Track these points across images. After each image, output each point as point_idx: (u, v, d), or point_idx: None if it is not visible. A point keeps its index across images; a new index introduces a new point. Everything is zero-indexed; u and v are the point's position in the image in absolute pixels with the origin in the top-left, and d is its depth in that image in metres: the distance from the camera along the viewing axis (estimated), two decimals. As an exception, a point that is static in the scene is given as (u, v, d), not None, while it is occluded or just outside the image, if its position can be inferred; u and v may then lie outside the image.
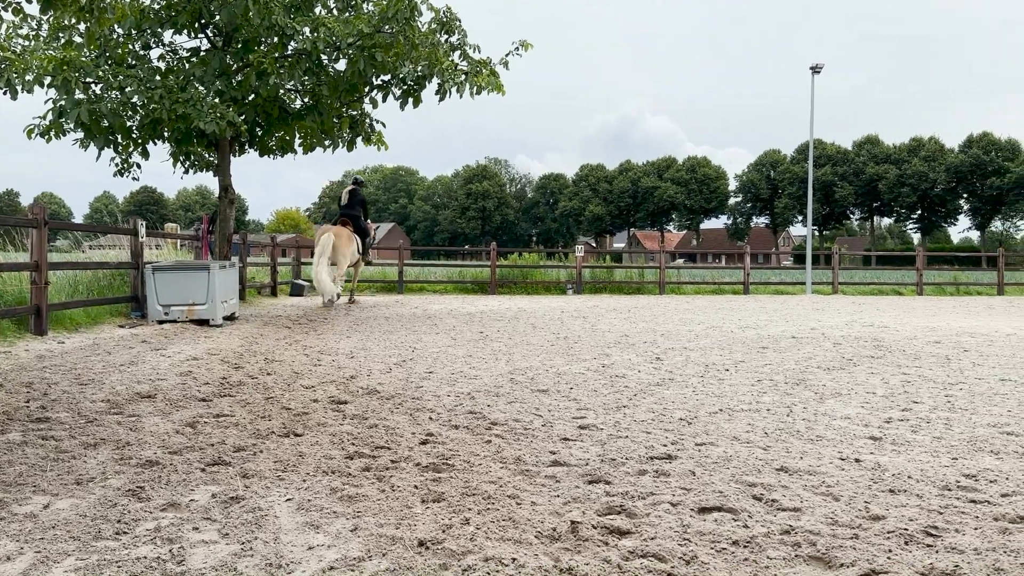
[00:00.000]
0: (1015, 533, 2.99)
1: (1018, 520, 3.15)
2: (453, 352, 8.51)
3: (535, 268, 24.39)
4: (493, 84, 12.60)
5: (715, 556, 2.75)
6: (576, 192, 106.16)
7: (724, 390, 6.19)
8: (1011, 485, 3.62)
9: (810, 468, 3.90)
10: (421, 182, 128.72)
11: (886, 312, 15.68)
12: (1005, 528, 3.05)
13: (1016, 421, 5.04)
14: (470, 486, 3.53)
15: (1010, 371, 7.26)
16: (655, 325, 12.03)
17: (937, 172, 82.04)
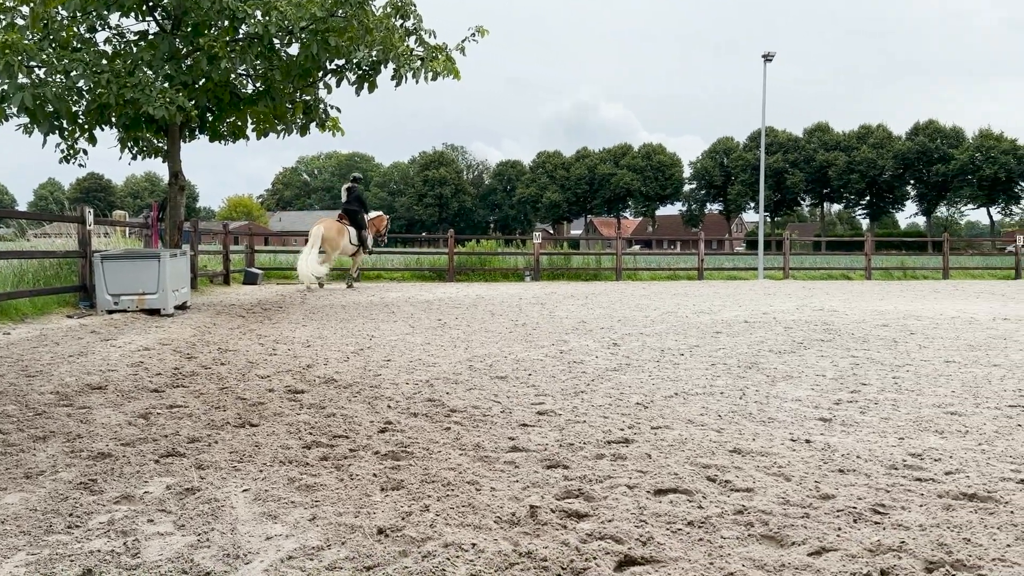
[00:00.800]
0: (958, 509, 3.10)
1: (961, 497, 3.26)
2: (411, 340, 8.49)
3: (493, 255, 24.41)
4: (449, 69, 12.52)
5: (671, 537, 2.81)
6: (533, 179, 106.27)
7: (679, 374, 6.28)
8: (955, 463, 3.75)
9: (762, 449, 3.99)
10: (377, 168, 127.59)
11: (835, 296, 16.03)
12: (949, 505, 3.16)
13: (960, 401, 5.21)
14: (429, 473, 3.54)
15: (954, 353, 7.49)
16: (612, 311, 12.13)
17: (885, 159, 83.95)
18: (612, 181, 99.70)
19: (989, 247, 51.88)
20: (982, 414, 4.82)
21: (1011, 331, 9.35)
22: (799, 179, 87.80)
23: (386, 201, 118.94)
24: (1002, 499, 3.22)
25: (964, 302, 14.46)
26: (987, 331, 9.35)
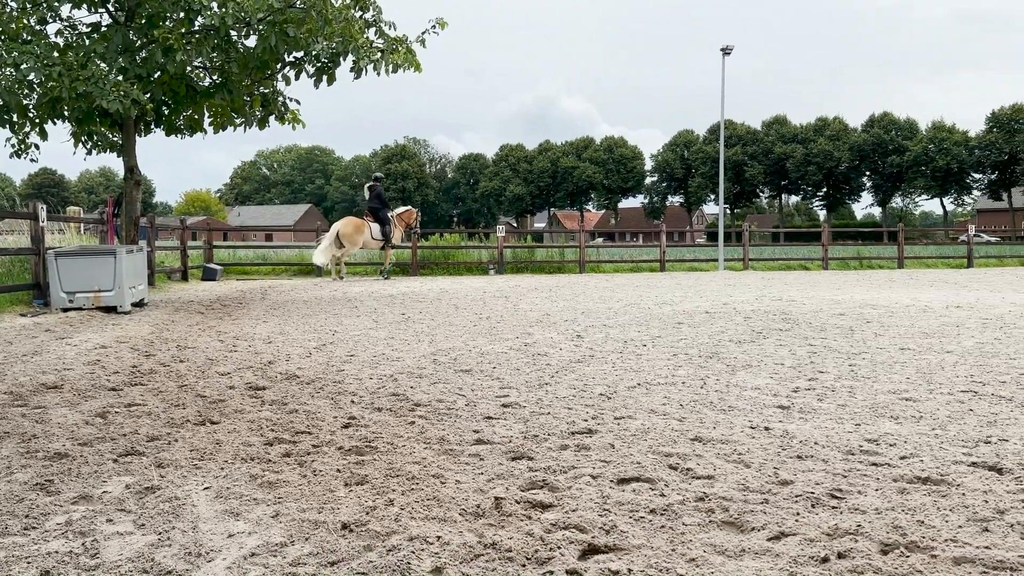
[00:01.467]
0: (912, 493, 3.19)
1: (915, 481, 3.35)
2: (375, 334, 8.45)
3: (457, 249, 24.36)
4: (410, 62, 12.45)
5: (633, 525, 2.84)
6: (496, 172, 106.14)
7: (642, 365, 6.34)
8: (909, 448, 3.84)
9: (723, 437, 4.05)
10: (338, 162, 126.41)
11: (793, 286, 16.30)
12: (903, 488, 3.24)
13: (914, 388, 5.34)
14: (394, 467, 3.54)
15: (909, 340, 7.67)
16: (576, 303, 12.20)
17: (841, 151, 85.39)
18: (575, 174, 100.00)
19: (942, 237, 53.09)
20: (935, 399, 4.95)
21: (963, 318, 9.60)
22: (758, 171, 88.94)
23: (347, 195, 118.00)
24: (954, 482, 3.31)
25: (918, 291, 14.79)
26: (940, 319, 9.58)
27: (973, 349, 7.05)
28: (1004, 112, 78.35)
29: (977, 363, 6.28)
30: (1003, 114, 78.36)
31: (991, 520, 2.86)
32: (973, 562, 2.51)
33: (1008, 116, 77.78)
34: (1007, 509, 2.97)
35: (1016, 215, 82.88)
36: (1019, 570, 2.45)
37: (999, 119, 78.61)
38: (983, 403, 4.83)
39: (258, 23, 11.79)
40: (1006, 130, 77.39)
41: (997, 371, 5.91)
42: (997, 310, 10.59)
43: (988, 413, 4.56)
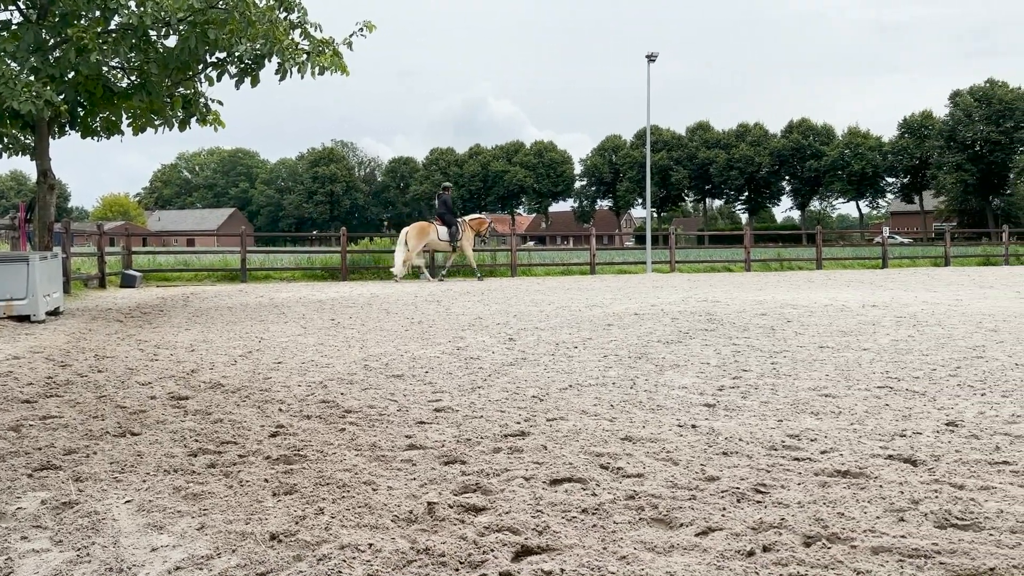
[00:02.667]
0: (833, 486, 3.30)
1: (835, 474, 3.47)
2: (303, 341, 8.30)
3: (387, 253, 24.11)
4: (336, 64, 12.28)
5: (566, 525, 2.87)
6: (427, 176, 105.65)
7: (573, 367, 6.41)
8: (829, 443, 3.98)
9: (652, 436, 4.12)
10: (263, 165, 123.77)
11: (718, 288, 16.70)
12: (824, 482, 3.36)
13: (833, 384, 5.54)
14: (324, 476, 3.48)
15: (827, 339, 7.94)
16: (508, 307, 12.23)
17: (762, 156, 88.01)
18: (505, 178, 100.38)
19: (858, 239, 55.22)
20: (853, 395, 5.14)
21: (879, 317, 10.00)
22: (683, 176, 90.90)
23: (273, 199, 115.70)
24: (872, 474, 3.44)
25: (836, 291, 15.34)
26: (857, 317, 9.95)
27: (888, 346, 7.34)
28: (915, 118, 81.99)
29: (892, 360, 6.54)
30: (914, 120, 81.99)
31: (906, 510, 2.99)
32: (890, 551, 2.61)
33: (919, 122, 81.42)
34: (921, 499, 3.10)
35: (927, 217, 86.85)
36: (932, 557, 2.56)
37: (910, 125, 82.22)
38: (898, 398, 5.04)
39: (178, 23, 11.46)
40: (917, 136, 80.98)
41: (911, 367, 6.17)
42: (911, 309, 11.07)
43: (903, 408, 4.76)
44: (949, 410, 4.66)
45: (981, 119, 73.56)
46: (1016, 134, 71.95)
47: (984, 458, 3.65)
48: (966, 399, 4.97)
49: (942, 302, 12.07)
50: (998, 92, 73.52)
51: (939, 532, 2.78)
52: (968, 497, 3.12)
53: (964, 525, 2.84)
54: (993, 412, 4.59)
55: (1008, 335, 7.97)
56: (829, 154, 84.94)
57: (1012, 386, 5.35)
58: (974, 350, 6.99)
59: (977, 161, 74.27)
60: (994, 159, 73.46)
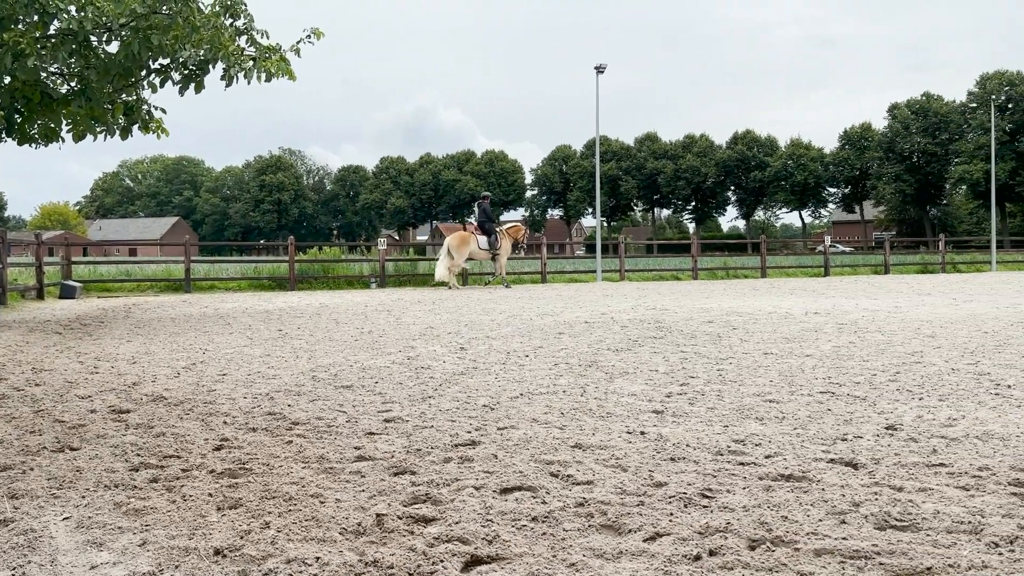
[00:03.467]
0: (777, 490, 3.37)
1: (779, 478, 3.54)
2: (249, 352, 8.16)
3: (337, 262, 23.88)
4: (284, 71, 12.13)
5: (516, 533, 2.87)
6: (377, 184, 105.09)
7: (524, 375, 6.42)
8: (773, 447, 4.06)
9: (601, 443, 4.15)
10: (208, 173, 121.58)
11: (666, 296, 16.92)
12: (769, 486, 3.42)
13: (777, 390, 5.65)
14: (270, 489, 3.42)
15: (771, 346, 8.11)
16: (459, 316, 12.21)
17: (708, 167, 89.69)
18: (457, 187, 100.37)
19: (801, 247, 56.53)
20: (797, 401, 5.25)
21: (821, 324, 10.24)
22: (632, 186, 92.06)
23: (218, 207, 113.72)
24: (815, 478, 3.52)
25: (780, 298, 15.67)
26: (800, 324, 10.18)
27: (830, 353, 7.52)
28: (855, 131, 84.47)
29: (834, 366, 6.71)
30: (854, 132, 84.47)
31: (848, 513, 3.06)
32: (832, 553, 2.67)
33: (858, 134, 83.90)
34: (862, 502, 3.18)
35: (867, 227, 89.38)
36: (873, 558, 2.63)
37: (850, 137, 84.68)
38: (840, 403, 5.16)
39: (120, 28, 11.21)
40: (857, 147, 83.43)
41: (852, 373, 6.33)
42: (851, 316, 11.36)
43: (844, 412, 4.88)
44: (889, 414, 4.80)
45: (918, 131, 76.12)
46: (951, 146, 74.60)
47: (922, 461, 3.76)
48: (905, 403, 5.11)
49: (882, 309, 12.42)
50: (934, 105, 76.20)
51: (879, 533, 2.85)
52: (907, 499, 3.21)
53: (903, 526, 2.92)
54: (931, 416, 4.73)
55: (945, 341, 8.24)
56: (773, 165, 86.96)
57: (948, 390, 5.52)
58: (912, 356, 7.20)
59: (915, 172, 76.79)
60: (931, 170, 76.04)
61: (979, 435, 4.22)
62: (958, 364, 6.66)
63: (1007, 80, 71.37)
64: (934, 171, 76.01)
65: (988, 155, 58.91)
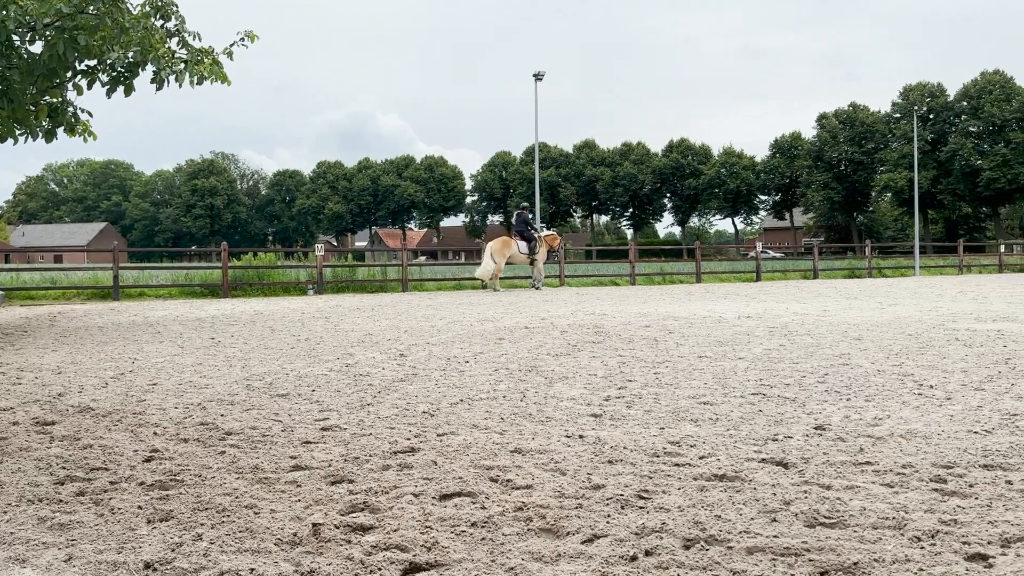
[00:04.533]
0: (711, 490, 3.44)
1: (713, 478, 3.62)
2: (180, 361, 7.96)
3: (272, 269, 23.45)
4: (217, 74, 11.89)
5: (455, 539, 2.86)
6: (314, 189, 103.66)
7: (465, 381, 6.41)
8: (707, 448, 4.15)
9: (541, 447, 4.18)
10: (137, 177, 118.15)
11: (605, 301, 17.11)
12: (703, 486, 3.49)
13: (711, 392, 5.77)
14: (202, 500, 3.34)
15: (706, 349, 8.27)
16: (399, 322, 12.12)
17: (645, 174, 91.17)
18: (396, 192, 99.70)
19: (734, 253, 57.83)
20: (730, 402, 5.38)
21: (753, 328, 10.49)
22: (571, 192, 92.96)
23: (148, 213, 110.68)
24: (747, 478, 3.61)
25: (714, 303, 16.00)
26: (733, 328, 10.42)
27: (762, 355, 7.72)
28: (785, 139, 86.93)
29: (765, 368, 6.88)
30: (784, 141, 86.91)
31: (779, 511, 3.14)
32: (763, 551, 2.75)
33: (789, 143, 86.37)
34: (792, 500, 3.27)
35: (797, 233, 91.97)
36: (802, 555, 2.70)
37: (781, 146, 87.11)
38: (771, 404, 5.30)
39: (44, 28, 10.82)
40: (787, 156, 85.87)
41: (783, 375, 6.51)
42: (782, 319, 11.68)
43: (775, 413, 5.01)
44: (817, 415, 4.95)
45: (845, 140, 78.73)
46: (877, 154, 77.37)
47: (849, 459, 3.89)
48: (833, 404, 5.28)
49: (811, 313, 12.79)
50: (860, 115, 78.93)
51: (808, 531, 2.94)
52: (835, 497, 3.31)
53: (831, 523, 3.01)
54: (857, 416, 4.90)
55: (871, 343, 8.53)
56: (707, 173, 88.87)
57: (875, 391, 5.72)
58: (840, 358, 7.44)
59: (842, 180, 79.37)
60: (857, 178, 78.70)
61: (903, 434, 4.39)
62: (883, 366, 6.91)
63: (928, 92, 74.43)
64: (860, 179, 78.70)
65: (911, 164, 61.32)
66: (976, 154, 70.79)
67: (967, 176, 70.40)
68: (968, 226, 77.21)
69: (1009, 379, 6.08)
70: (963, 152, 70.30)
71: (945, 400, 5.32)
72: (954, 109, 73.07)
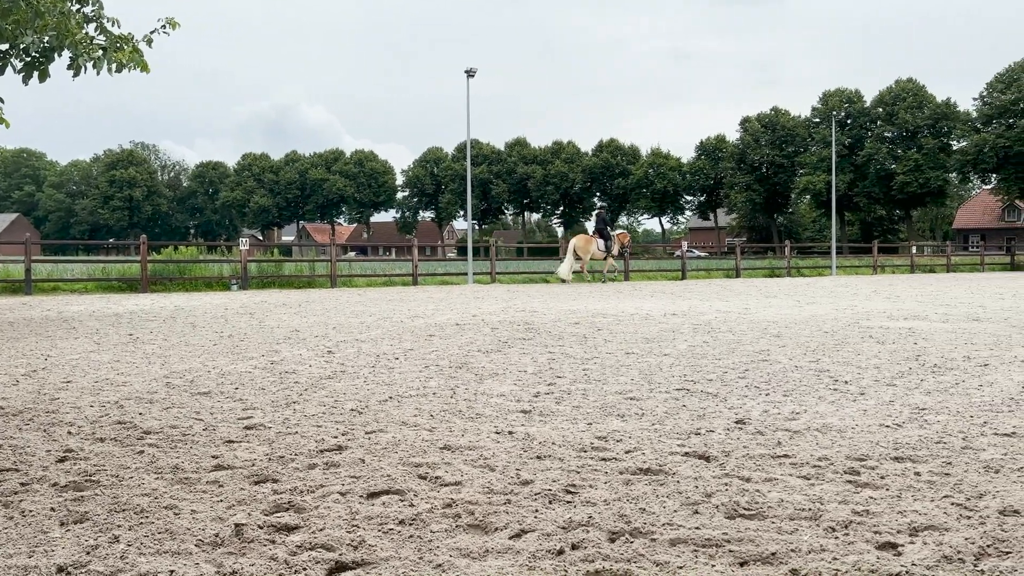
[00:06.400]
0: (636, 483, 3.50)
1: (638, 472, 3.69)
2: (97, 358, 7.67)
3: (194, 263, 22.80)
4: (136, 61, 11.48)
5: (382, 538, 2.85)
6: (239, 182, 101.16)
7: (394, 378, 6.37)
8: (633, 443, 4.22)
9: (470, 444, 4.19)
10: (52, 167, 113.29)
11: (536, 298, 17.22)
12: (628, 480, 3.56)
13: (637, 388, 5.88)
14: (120, 501, 3.24)
15: (633, 346, 8.42)
16: (327, 318, 11.95)
17: (575, 173, 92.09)
18: (325, 187, 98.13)
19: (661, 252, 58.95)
20: (655, 398, 5.49)
21: (678, 325, 10.72)
22: (503, 189, 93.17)
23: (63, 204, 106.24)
24: (671, 471, 3.69)
25: (641, 301, 16.28)
26: (659, 325, 10.62)
27: (686, 352, 7.89)
28: (710, 142, 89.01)
29: (689, 364, 7.04)
30: (709, 144, 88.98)
31: (700, 503, 3.23)
32: (686, 542, 2.81)
33: (713, 145, 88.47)
34: (713, 492, 3.36)
35: (721, 233, 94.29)
36: (723, 545, 2.78)
37: (706, 148, 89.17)
38: (694, 399, 5.43)
39: (-51, 6, 10.26)
40: (712, 158, 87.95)
41: (706, 371, 6.67)
42: (706, 317, 11.96)
43: (698, 408, 5.14)
44: (738, 409, 5.09)
45: (767, 143, 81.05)
46: (796, 158, 79.87)
47: (768, 452, 4.02)
48: (753, 399, 5.44)
49: (733, 311, 13.15)
50: (781, 119, 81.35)
51: (729, 522, 3.02)
52: (754, 489, 3.41)
53: (751, 515, 3.11)
54: (776, 410, 5.06)
55: (789, 340, 8.82)
56: (635, 173, 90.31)
57: (792, 386, 5.92)
58: (760, 354, 7.67)
59: (764, 182, 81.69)
60: (778, 180, 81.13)
61: (819, 428, 4.56)
62: (801, 362, 7.15)
63: (846, 97, 77.20)
64: (781, 181, 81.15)
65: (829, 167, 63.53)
66: (891, 159, 73.79)
67: (882, 180, 73.33)
68: (882, 228, 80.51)
69: (919, 375, 6.37)
70: (878, 157, 73.20)
71: (859, 395, 5.55)
72: (870, 115, 76.00)
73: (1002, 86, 65.19)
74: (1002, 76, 65.87)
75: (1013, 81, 64.32)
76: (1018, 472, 3.65)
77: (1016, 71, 64.86)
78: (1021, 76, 63.97)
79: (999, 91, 65.32)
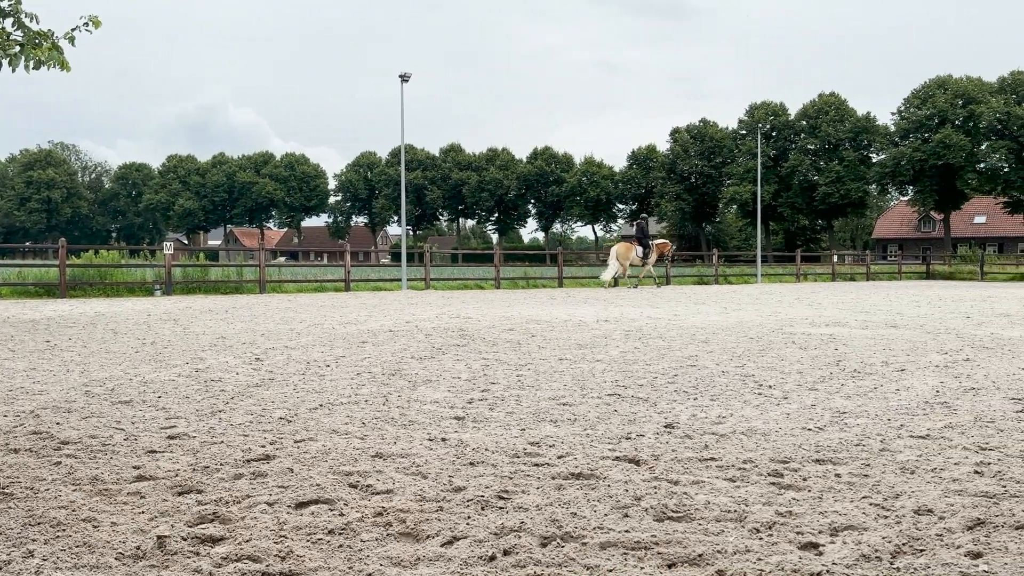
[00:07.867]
0: (568, 488, 3.53)
1: (570, 477, 3.72)
2: (11, 366, 7.34)
3: (116, 267, 22.01)
4: (56, 59, 11.07)
5: (311, 548, 2.80)
6: (163, 184, 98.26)
7: (325, 385, 6.27)
8: (565, 448, 4.26)
9: (403, 451, 4.15)
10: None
11: (470, 304, 17.20)
12: (560, 485, 3.58)
13: (570, 393, 5.93)
14: (35, 515, 3.10)
15: (566, 352, 8.49)
16: (255, 325, 11.69)
17: (510, 180, 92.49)
18: (254, 190, 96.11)
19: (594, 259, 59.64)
20: (587, 403, 5.54)
21: (610, 331, 10.86)
22: (437, 195, 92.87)
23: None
24: (602, 475, 3.73)
25: (574, 307, 16.43)
26: (592, 332, 10.74)
27: (618, 357, 8.00)
28: (641, 151, 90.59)
29: (621, 370, 7.14)
30: (640, 153, 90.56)
31: (630, 507, 3.27)
32: (616, 545, 2.85)
33: (644, 155, 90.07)
34: (643, 496, 3.41)
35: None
36: (652, 548, 2.83)
37: (637, 157, 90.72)
38: (625, 404, 5.51)
39: None
40: (643, 167, 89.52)
41: (636, 376, 6.78)
42: (637, 323, 12.15)
43: (629, 413, 5.21)
44: (667, 414, 5.18)
45: (696, 154, 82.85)
46: (724, 168, 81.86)
47: (695, 455, 4.10)
48: (681, 403, 5.55)
49: (663, 317, 13.39)
50: (709, 131, 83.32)
51: (658, 525, 3.08)
52: (682, 491, 3.48)
53: (678, 517, 3.17)
54: (703, 414, 5.17)
55: (716, 346, 9.03)
56: (569, 181, 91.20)
57: (719, 391, 6.06)
58: (689, 360, 7.83)
59: (693, 191, 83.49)
60: (706, 190, 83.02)
61: (744, 431, 4.67)
62: (727, 367, 7.33)
63: (771, 110, 79.52)
64: (709, 191, 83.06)
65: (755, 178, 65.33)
66: (813, 170, 76.27)
67: (805, 191, 75.74)
68: (805, 237, 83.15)
69: (839, 380, 6.60)
70: (802, 168, 75.58)
71: (782, 399, 5.71)
72: (794, 127, 78.43)
73: (918, 102, 68.19)
74: (918, 92, 68.90)
75: (928, 97, 67.32)
76: (932, 473, 3.81)
77: (931, 87, 67.92)
78: (936, 93, 66.99)
79: (915, 106, 68.33)
